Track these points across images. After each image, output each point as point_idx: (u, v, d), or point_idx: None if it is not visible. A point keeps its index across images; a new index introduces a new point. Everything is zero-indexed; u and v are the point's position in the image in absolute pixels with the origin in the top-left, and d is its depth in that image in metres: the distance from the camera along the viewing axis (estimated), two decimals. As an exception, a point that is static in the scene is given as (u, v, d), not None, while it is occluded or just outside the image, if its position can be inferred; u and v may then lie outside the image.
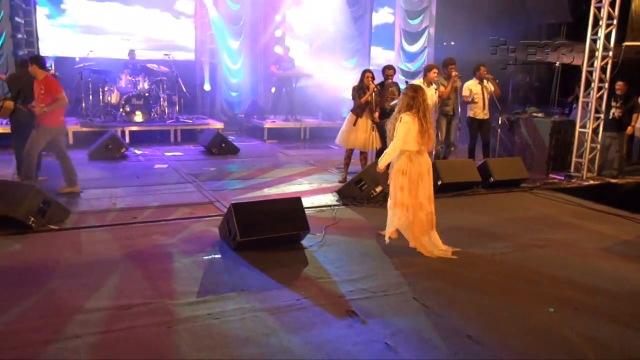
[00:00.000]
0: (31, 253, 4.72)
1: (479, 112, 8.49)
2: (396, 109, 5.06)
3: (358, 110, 7.70)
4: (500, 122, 8.64)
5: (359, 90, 7.68)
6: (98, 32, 11.92)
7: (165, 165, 8.61)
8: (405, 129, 4.86)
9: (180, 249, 4.91)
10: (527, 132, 9.20)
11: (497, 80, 8.62)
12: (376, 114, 7.65)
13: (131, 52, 11.23)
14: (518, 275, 4.65)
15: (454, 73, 8.15)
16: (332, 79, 13.23)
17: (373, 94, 7.54)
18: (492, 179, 7.62)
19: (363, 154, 7.87)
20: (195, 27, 12.96)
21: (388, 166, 5.24)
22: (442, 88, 8.07)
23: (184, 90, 11.34)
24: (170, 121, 10.97)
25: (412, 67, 11.82)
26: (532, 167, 8.80)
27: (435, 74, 8.06)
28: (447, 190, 7.25)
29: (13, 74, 7.75)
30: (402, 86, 8.44)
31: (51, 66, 9.59)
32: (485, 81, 8.39)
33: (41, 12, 11.41)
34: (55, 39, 11.57)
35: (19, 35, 10.99)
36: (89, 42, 11.54)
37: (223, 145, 9.70)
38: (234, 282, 4.25)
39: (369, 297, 4.09)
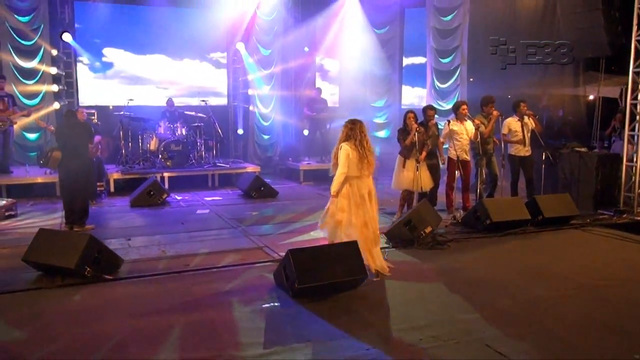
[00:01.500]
0: (91, 305, 4.70)
1: (521, 149, 8.39)
2: (338, 141, 5.60)
3: (405, 152, 7.69)
4: (543, 157, 8.49)
5: (403, 132, 7.67)
6: (136, 81, 12.29)
7: (207, 211, 8.63)
8: (344, 156, 5.42)
9: (238, 298, 4.83)
10: (570, 167, 9.03)
11: (536, 116, 8.52)
12: (422, 154, 7.60)
13: (169, 100, 11.46)
14: (592, 317, 4.45)
15: (495, 112, 8.09)
16: (364, 119, 13.30)
17: (416, 134, 7.51)
18: (541, 217, 7.44)
19: (411, 194, 7.79)
20: (228, 74, 13.25)
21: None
22: (482, 127, 8.01)
23: (221, 135, 11.48)
24: (207, 166, 11.07)
25: (444, 104, 11.82)
26: (578, 202, 8.53)
27: (465, 110, 8.04)
28: (496, 230, 7.10)
29: (60, 125, 7.94)
30: (441, 125, 8.48)
31: (93, 115, 9.81)
32: (525, 118, 8.31)
33: (81, 64, 11.79)
34: (94, 89, 11.92)
35: (60, 87, 11.35)
36: (128, 91, 11.88)
37: (262, 188, 9.73)
38: (299, 332, 4.15)
39: (441, 346, 3.94)
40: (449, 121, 8.05)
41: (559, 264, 5.97)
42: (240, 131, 13.16)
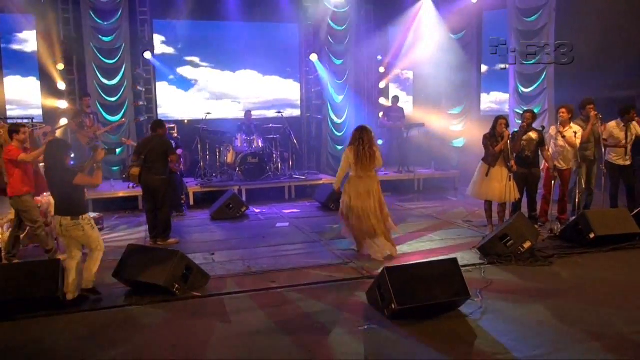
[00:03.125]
0: (182, 323, 4.59)
1: (619, 158, 7.69)
2: None
3: (490, 160, 7.20)
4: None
5: (492, 138, 7.20)
6: (213, 95, 12.44)
7: (287, 224, 8.50)
8: (343, 159, 6.47)
9: (331, 319, 4.58)
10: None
11: None
12: (512, 162, 7.10)
13: (247, 112, 11.50)
14: None
15: (593, 113, 7.47)
16: (440, 127, 12.88)
17: (507, 141, 7.03)
18: (652, 230, 6.73)
19: (502, 206, 7.28)
20: (301, 85, 13.18)
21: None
22: (580, 131, 7.41)
23: (297, 147, 11.38)
24: (284, 178, 11.01)
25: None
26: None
27: (564, 114, 7.50)
28: (601, 244, 6.48)
29: (142, 139, 8.05)
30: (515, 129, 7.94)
31: (174, 130, 9.94)
32: (631, 123, 7.60)
33: (160, 80, 12.07)
34: (173, 104, 12.18)
35: (140, 103, 11.66)
36: (206, 105, 12.03)
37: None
38: (402, 358, 3.82)
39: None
40: (542, 127, 7.50)
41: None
42: (314, 142, 13.02)
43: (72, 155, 9.61)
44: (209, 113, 11.26)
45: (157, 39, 11.95)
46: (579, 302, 4.89)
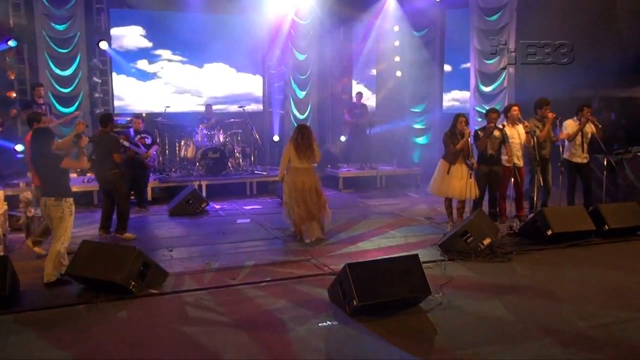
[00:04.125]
0: (138, 322, 4.49)
1: (578, 155, 7.94)
2: None
3: (451, 157, 7.32)
4: (605, 163, 8.02)
5: (452, 136, 7.31)
6: (174, 88, 12.20)
7: (248, 220, 8.44)
8: (285, 152, 7.24)
9: (291, 315, 4.58)
10: (632, 173, 8.52)
11: (600, 125, 8.02)
12: (473, 160, 7.24)
13: (208, 106, 11.36)
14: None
15: (550, 114, 7.69)
16: (402, 125, 13.04)
17: (468, 139, 7.15)
18: (607, 227, 6.97)
19: (461, 203, 7.42)
20: (263, 79, 13.07)
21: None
22: (538, 131, 7.60)
23: (259, 142, 11.31)
24: (245, 174, 10.92)
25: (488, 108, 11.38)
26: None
27: (517, 112, 7.69)
28: (559, 241, 6.67)
29: (93, 135, 7.95)
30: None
31: (131, 124, 9.69)
32: (587, 123, 7.85)
33: (117, 71, 11.76)
34: (130, 97, 11.89)
35: (96, 95, 11.33)
36: (166, 99, 11.77)
37: (302, 197, 9.45)
38: (364, 356, 3.85)
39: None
40: (503, 125, 7.65)
41: (634, 279, 5.52)
42: (276, 138, 12.95)
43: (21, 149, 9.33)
44: (168, 106, 11.06)
45: (114, 28, 11.61)
46: (536, 298, 5.02)
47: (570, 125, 7.90)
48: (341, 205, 9.66)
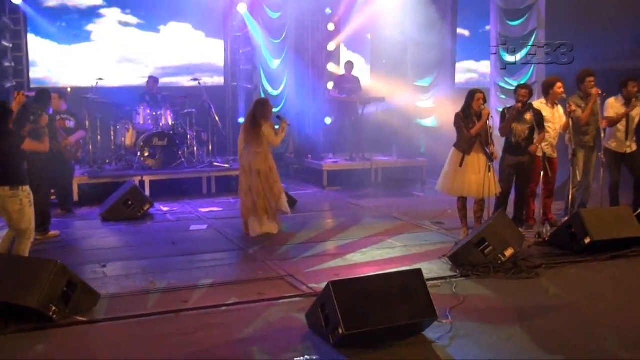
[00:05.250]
0: (61, 359, 4.47)
1: (619, 144, 8.09)
2: None
3: (465, 146, 7.41)
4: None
5: (466, 118, 7.40)
6: (106, 55, 12.16)
7: (205, 226, 8.52)
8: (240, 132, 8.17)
9: (261, 348, 4.64)
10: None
11: None
12: (492, 148, 7.32)
13: (151, 79, 11.36)
14: None
15: (594, 90, 7.80)
16: (404, 103, 13.09)
17: (487, 122, 7.23)
18: (658, 233, 7.13)
19: (479, 204, 7.52)
20: (225, 45, 13.10)
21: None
22: (579, 111, 7.72)
23: (219, 125, 11.33)
24: (201, 166, 10.94)
25: (514, 82, 11.50)
26: None
27: (561, 89, 7.79)
28: (598, 251, 6.81)
29: None
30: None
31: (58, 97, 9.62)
32: (633, 102, 7.99)
33: (34, 34, 11.66)
34: (50, 66, 11.84)
35: (6, 63, 11.23)
36: (96, 68, 11.69)
37: (275, 196, 9.51)
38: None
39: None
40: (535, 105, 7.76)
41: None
42: (241, 120, 12.95)
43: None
44: (100, 79, 11.02)
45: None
46: (569, 323, 5.10)
47: (612, 106, 8.03)
48: (325, 207, 9.78)
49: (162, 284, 6.01)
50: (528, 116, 7.62)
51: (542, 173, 7.72)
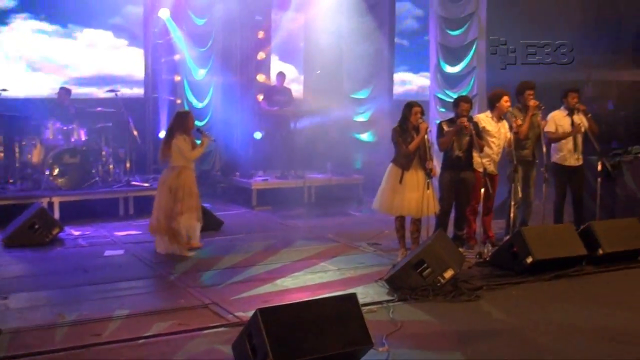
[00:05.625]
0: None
1: (569, 156, 8.42)
2: None
3: (403, 161, 7.56)
4: (599, 168, 8.51)
5: (404, 132, 7.55)
6: (14, 62, 11.99)
7: (121, 252, 8.42)
8: None
9: (182, 384, 4.56)
10: (633, 181, 9.09)
11: (588, 114, 8.52)
12: (430, 164, 7.45)
13: (63, 90, 11.21)
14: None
15: (532, 102, 8.10)
16: (340, 117, 13.26)
17: (426, 137, 7.41)
18: (601, 251, 7.44)
19: (415, 223, 7.69)
20: (145, 53, 13.01)
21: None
22: (518, 122, 8.00)
23: (138, 141, 11.21)
24: (118, 185, 10.83)
25: (454, 94, 11.79)
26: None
27: (508, 102, 8.06)
28: (541, 271, 7.05)
29: None
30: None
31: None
32: (575, 113, 8.33)
33: None
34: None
35: None
36: (1, 78, 11.43)
37: (199, 217, 9.47)
38: None
39: None
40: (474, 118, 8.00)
41: (638, 319, 5.90)
42: (162, 134, 12.84)
43: None
44: (4, 89, 10.76)
45: None
46: (512, 348, 5.23)
47: (558, 118, 8.34)
48: (254, 228, 9.78)
49: (72, 316, 5.85)
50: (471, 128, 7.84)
51: (482, 190, 7.95)
